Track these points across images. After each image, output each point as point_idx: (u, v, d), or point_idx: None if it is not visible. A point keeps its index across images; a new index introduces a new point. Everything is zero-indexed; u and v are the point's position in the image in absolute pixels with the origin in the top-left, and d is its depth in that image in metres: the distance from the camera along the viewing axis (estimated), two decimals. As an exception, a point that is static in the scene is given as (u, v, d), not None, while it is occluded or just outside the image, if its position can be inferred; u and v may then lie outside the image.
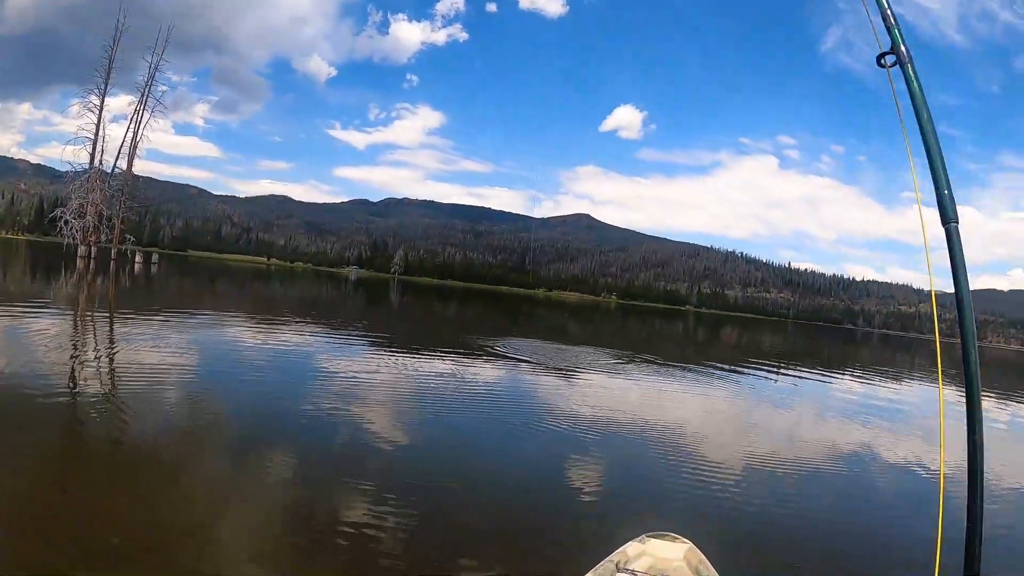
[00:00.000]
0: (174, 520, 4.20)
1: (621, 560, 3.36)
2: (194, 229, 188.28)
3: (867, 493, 7.18)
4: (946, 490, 2.08)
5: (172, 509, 4.37)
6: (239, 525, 4.34)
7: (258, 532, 4.27)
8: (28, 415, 6.09)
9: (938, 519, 1.95)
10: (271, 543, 4.13)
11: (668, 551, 3.49)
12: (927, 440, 10.55)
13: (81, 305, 17.94)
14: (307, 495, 4.98)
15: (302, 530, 4.35)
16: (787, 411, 12.69)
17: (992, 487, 7.66)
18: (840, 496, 6.89)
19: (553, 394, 11.25)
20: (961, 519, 1.83)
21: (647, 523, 4.00)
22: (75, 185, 44.24)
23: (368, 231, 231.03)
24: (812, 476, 7.53)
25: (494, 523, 4.96)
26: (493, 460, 6.75)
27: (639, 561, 3.39)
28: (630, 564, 3.35)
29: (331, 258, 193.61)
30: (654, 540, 3.56)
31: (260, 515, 4.53)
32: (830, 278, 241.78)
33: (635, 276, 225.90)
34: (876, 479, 7.92)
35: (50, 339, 10.70)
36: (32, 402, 6.50)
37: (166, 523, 4.14)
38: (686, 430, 9.21)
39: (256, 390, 8.83)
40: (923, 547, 5.52)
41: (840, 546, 5.28)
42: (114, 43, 44.11)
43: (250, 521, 4.42)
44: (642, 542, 3.54)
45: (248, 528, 4.31)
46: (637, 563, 3.37)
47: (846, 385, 19.71)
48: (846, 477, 7.70)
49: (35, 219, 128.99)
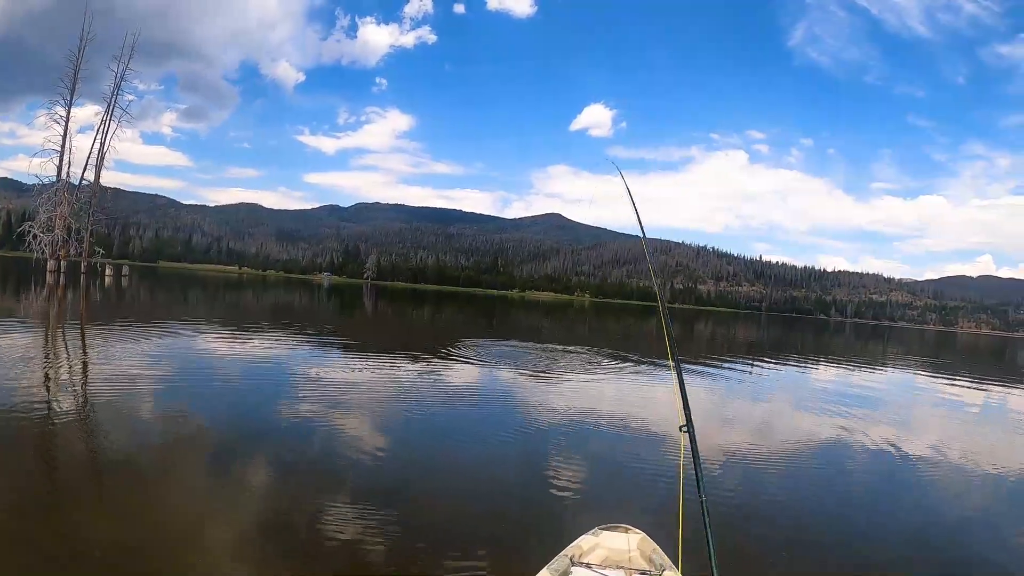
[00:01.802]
0: (153, 531, 4.27)
1: (576, 554, 3.41)
2: (164, 240, 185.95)
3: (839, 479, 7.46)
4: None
5: (150, 519, 4.44)
6: (217, 533, 4.39)
7: (237, 538, 4.34)
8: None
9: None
10: (249, 549, 4.20)
11: (621, 542, 3.54)
12: (899, 426, 11.15)
13: (51, 320, 17.90)
14: (284, 499, 5.13)
15: (280, 534, 4.46)
16: (758, 402, 13.34)
17: (968, 471, 8.22)
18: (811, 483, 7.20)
19: (522, 391, 11.80)
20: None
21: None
22: (42, 198, 43.70)
23: (340, 236, 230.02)
24: (783, 465, 7.80)
25: (457, 520, 5.08)
26: (460, 460, 6.94)
27: (593, 554, 3.45)
28: (584, 557, 3.41)
29: (303, 265, 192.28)
30: (607, 532, 3.61)
31: (238, 521, 4.61)
32: (801, 269, 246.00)
33: (607, 273, 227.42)
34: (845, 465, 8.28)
35: (19, 354, 10.68)
36: (2, 419, 6.48)
37: (145, 534, 4.19)
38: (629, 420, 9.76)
39: (229, 398, 9.00)
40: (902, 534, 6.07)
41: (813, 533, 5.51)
42: (79, 51, 43.68)
43: (229, 528, 4.48)
44: (595, 535, 3.59)
45: (228, 534, 4.37)
46: (591, 556, 3.43)
47: (820, 374, 20.51)
48: (819, 466, 8.02)
49: (2, 234, 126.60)
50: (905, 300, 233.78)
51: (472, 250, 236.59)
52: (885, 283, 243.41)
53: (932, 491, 7.26)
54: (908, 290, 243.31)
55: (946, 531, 5.89)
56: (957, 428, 12.01)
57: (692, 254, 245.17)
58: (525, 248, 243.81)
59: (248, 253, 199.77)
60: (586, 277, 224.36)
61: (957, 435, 11.03)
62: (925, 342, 66.17)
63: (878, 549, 5.12)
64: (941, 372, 25.45)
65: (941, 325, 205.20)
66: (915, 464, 8.27)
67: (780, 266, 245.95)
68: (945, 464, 8.43)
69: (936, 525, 6.05)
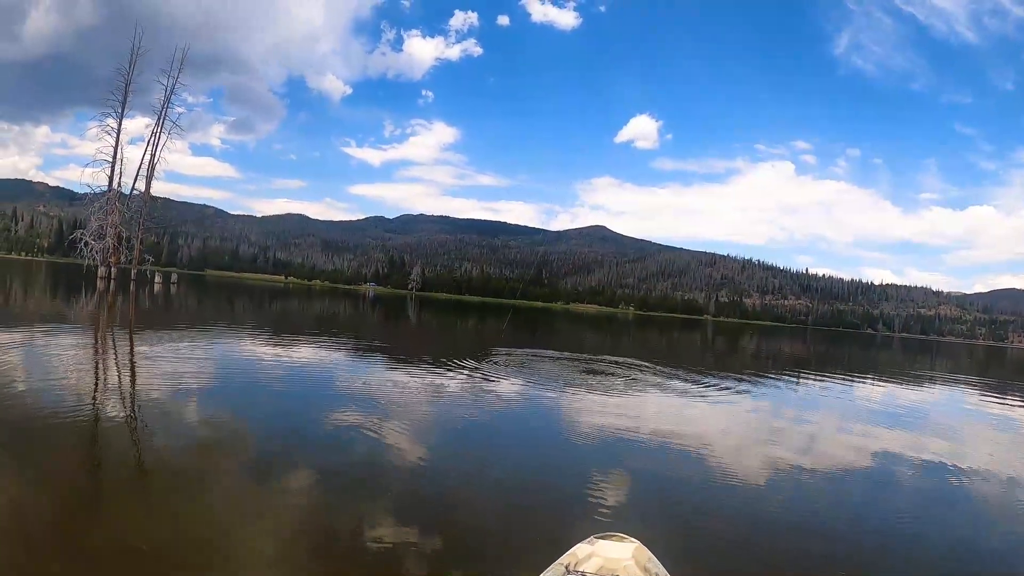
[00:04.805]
0: (195, 532, 4.27)
1: (571, 562, 3.42)
2: (211, 249, 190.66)
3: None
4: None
5: (190, 520, 4.43)
6: (253, 533, 4.39)
7: (273, 539, 4.33)
8: (49, 433, 6.09)
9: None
10: (285, 550, 4.19)
11: (617, 551, 3.53)
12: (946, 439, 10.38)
13: (102, 324, 18.11)
14: (325, 505, 5.06)
15: (316, 538, 4.40)
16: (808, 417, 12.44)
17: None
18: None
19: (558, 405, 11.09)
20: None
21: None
22: (94, 207, 44.95)
23: (384, 248, 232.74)
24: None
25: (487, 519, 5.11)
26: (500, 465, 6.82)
27: (589, 562, 3.44)
28: (580, 566, 3.40)
29: (348, 275, 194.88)
30: (603, 541, 3.62)
31: (274, 524, 4.58)
32: (848, 283, 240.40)
33: (652, 287, 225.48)
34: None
35: (71, 358, 10.80)
36: (53, 420, 6.49)
37: (188, 535, 4.20)
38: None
39: (274, 403, 8.89)
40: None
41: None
42: (130, 65, 44.69)
43: (266, 530, 4.46)
44: (591, 543, 3.60)
45: (265, 537, 4.35)
46: (587, 564, 3.42)
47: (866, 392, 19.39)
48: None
49: (55, 241, 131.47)
50: (954, 314, 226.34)
51: (516, 262, 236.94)
52: (934, 296, 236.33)
53: (980, 512, 6.77)
54: (957, 303, 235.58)
55: (992, 553, 5.44)
56: (1008, 447, 10.96)
57: (737, 267, 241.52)
58: (569, 260, 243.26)
59: (294, 263, 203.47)
60: (631, 290, 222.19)
61: (1008, 456, 10.03)
62: (974, 357, 63.37)
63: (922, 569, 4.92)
64: (992, 390, 24.01)
65: (991, 340, 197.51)
66: (962, 483, 7.71)
67: (826, 279, 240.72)
68: (995, 484, 7.91)
69: (982, 547, 5.59)
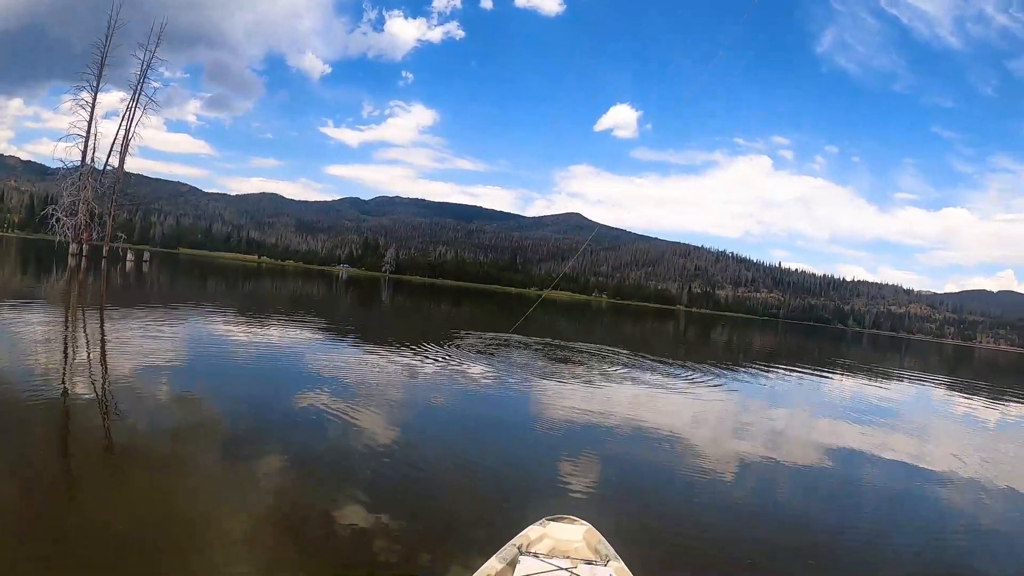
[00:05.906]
0: (164, 515, 4.31)
1: (523, 543, 3.54)
2: (185, 227, 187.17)
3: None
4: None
5: (161, 503, 4.49)
6: (226, 518, 4.43)
7: (248, 528, 4.34)
8: (19, 413, 6.12)
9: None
10: (261, 537, 4.23)
11: (568, 533, 3.68)
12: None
13: (72, 302, 18.14)
14: (296, 487, 5.23)
15: (289, 521, 4.51)
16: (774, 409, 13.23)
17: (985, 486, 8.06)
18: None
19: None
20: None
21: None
22: (67, 182, 44.36)
23: (359, 229, 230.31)
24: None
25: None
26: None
27: (541, 544, 3.59)
28: (532, 547, 3.54)
29: (322, 256, 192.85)
30: (554, 523, 3.75)
31: (249, 510, 4.63)
32: (820, 278, 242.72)
33: (626, 275, 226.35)
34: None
35: (40, 335, 10.85)
36: (23, 399, 6.52)
37: (156, 518, 4.23)
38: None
39: (245, 385, 9.08)
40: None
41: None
42: (107, 39, 44.00)
43: (240, 516, 4.49)
44: (543, 525, 3.74)
45: (239, 523, 4.37)
46: (539, 546, 3.57)
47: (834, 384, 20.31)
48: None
49: (26, 216, 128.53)
50: (924, 313, 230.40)
51: (491, 247, 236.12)
52: (904, 295, 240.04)
53: (944, 505, 7.16)
54: (927, 302, 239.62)
55: (956, 546, 5.79)
56: (972, 442, 11.74)
57: (711, 259, 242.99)
58: (544, 247, 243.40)
59: (268, 243, 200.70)
60: (604, 278, 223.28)
61: (972, 450, 10.76)
62: (943, 356, 65.09)
63: (886, 560, 5.12)
64: (958, 389, 25.10)
65: (959, 339, 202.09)
66: (927, 477, 8.18)
67: (798, 273, 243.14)
68: (958, 479, 8.27)
69: (946, 539, 5.93)
